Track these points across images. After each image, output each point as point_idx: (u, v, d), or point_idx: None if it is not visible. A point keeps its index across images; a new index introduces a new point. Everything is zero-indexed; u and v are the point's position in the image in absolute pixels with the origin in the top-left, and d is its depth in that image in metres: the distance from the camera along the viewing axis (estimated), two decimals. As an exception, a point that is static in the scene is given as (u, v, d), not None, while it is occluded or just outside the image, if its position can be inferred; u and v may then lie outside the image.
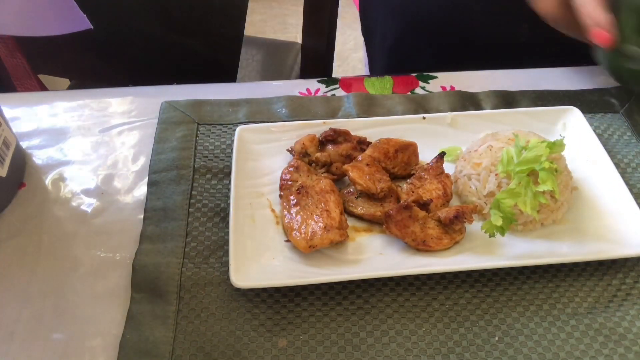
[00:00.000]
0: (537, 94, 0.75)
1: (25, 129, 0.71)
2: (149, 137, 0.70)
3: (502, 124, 0.66)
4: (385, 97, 0.75)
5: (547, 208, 0.57)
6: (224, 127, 0.70)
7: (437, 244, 0.56)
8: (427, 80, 0.79)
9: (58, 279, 0.56)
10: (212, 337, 0.51)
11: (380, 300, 0.54)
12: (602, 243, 0.56)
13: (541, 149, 0.56)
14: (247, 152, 0.64)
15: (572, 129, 0.67)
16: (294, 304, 0.53)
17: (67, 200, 0.63)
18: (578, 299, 0.54)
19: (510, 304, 0.54)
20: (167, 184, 0.63)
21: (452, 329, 0.52)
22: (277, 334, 0.51)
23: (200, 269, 0.56)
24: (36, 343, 0.51)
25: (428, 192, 0.60)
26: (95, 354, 0.51)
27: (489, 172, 0.59)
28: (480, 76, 0.79)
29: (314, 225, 0.56)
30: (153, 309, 0.53)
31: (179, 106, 0.72)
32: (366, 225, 0.60)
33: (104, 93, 0.77)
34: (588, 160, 0.64)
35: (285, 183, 0.61)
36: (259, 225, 0.58)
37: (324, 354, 0.50)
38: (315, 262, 0.55)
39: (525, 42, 0.83)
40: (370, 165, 0.61)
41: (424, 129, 0.68)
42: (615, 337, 0.51)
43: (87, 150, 0.69)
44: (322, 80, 0.79)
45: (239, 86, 0.80)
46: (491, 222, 0.54)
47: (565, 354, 0.50)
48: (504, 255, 0.56)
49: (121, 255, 0.58)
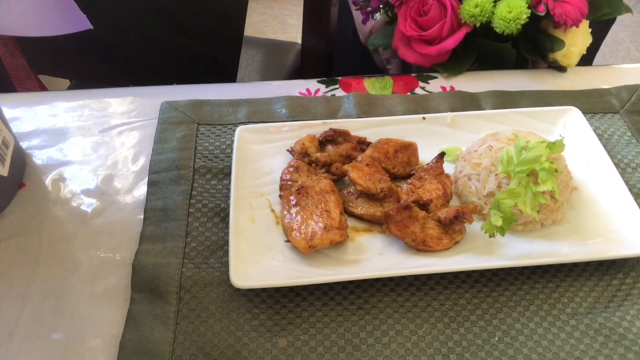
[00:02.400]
0: (537, 94, 0.75)
1: (25, 129, 0.71)
2: (149, 137, 0.70)
3: (502, 124, 0.66)
4: (385, 97, 0.75)
5: (547, 208, 0.57)
6: (224, 127, 0.70)
7: (437, 244, 0.56)
8: (427, 80, 0.79)
9: (58, 279, 0.56)
10: (212, 337, 0.51)
11: (380, 300, 0.54)
12: (602, 243, 0.56)
13: (541, 149, 0.56)
14: (247, 152, 0.64)
15: (572, 129, 0.67)
16: (294, 304, 0.53)
17: (67, 200, 0.63)
18: (578, 299, 0.54)
19: (510, 304, 0.54)
20: (167, 184, 0.63)
21: (452, 329, 0.52)
22: (277, 334, 0.51)
23: (200, 269, 0.56)
24: (36, 343, 0.51)
25: (428, 192, 0.60)
26: (95, 354, 0.50)
27: (489, 172, 0.59)
28: (480, 76, 0.79)
29: (314, 225, 0.56)
30: (153, 309, 0.53)
31: (179, 106, 0.72)
32: (366, 226, 0.60)
33: (104, 93, 0.77)
34: (588, 161, 0.64)
35: (285, 183, 0.61)
36: (259, 226, 0.58)
37: (324, 354, 0.50)
38: (315, 262, 0.55)
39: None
40: (370, 165, 0.61)
41: (424, 129, 0.68)
42: (615, 337, 0.51)
43: (87, 151, 0.69)
44: (322, 80, 0.79)
45: (239, 86, 0.80)
46: (491, 223, 0.54)
47: (565, 354, 0.50)
48: (504, 255, 0.56)
49: (121, 255, 0.58)
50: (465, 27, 0.75)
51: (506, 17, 0.72)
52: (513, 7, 0.72)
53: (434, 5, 0.75)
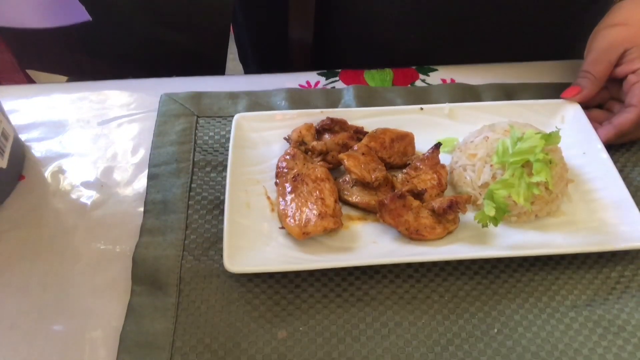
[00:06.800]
0: (538, 86, 0.74)
1: (23, 121, 0.71)
2: (148, 130, 0.70)
3: (501, 116, 0.66)
4: (385, 89, 0.74)
5: (541, 199, 0.57)
6: (223, 120, 0.70)
7: (430, 233, 0.56)
8: (428, 72, 0.78)
9: (58, 271, 0.56)
10: (212, 328, 0.51)
11: (380, 292, 0.54)
12: (598, 235, 0.56)
13: (536, 140, 0.56)
14: (244, 140, 0.64)
15: (571, 122, 0.67)
16: (294, 295, 0.54)
17: (66, 192, 0.63)
18: (577, 291, 0.54)
19: (509, 295, 0.54)
20: (167, 177, 0.63)
21: (451, 320, 0.52)
22: (277, 326, 0.51)
23: (199, 262, 0.56)
24: (37, 335, 0.51)
25: (423, 182, 0.60)
26: (96, 346, 0.51)
27: (484, 163, 0.59)
28: (481, 69, 0.78)
29: (308, 212, 0.56)
30: (153, 301, 0.53)
31: (178, 99, 0.72)
32: (360, 214, 0.60)
33: (103, 85, 0.77)
34: (585, 154, 0.63)
35: (281, 171, 0.61)
36: (254, 212, 0.59)
37: (324, 346, 0.50)
38: (308, 249, 0.56)
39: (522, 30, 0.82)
40: (366, 154, 0.61)
41: (422, 120, 0.67)
42: (614, 329, 0.51)
43: (86, 143, 0.69)
44: (322, 72, 0.79)
45: (238, 78, 0.80)
46: (484, 213, 0.54)
47: (563, 346, 0.50)
48: (498, 245, 0.56)
49: (121, 247, 0.58)
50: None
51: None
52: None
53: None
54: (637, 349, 0.50)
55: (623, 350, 0.50)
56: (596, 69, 0.66)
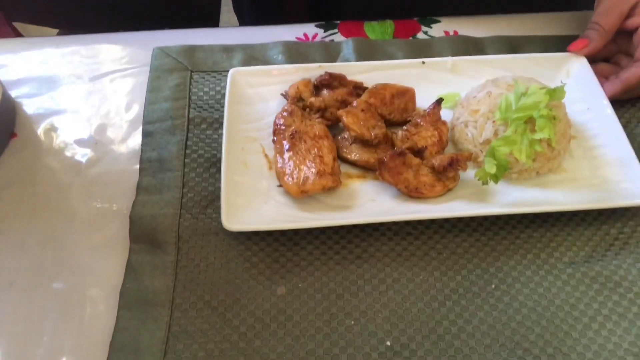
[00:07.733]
0: (544, 39, 0.72)
1: (13, 77, 0.69)
2: (141, 85, 0.68)
3: (504, 70, 0.64)
4: (386, 42, 0.72)
5: (543, 156, 0.57)
6: (218, 75, 0.68)
7: (430, 191, 0.56)
8: (430, 24, 0.76)
9: (55, 229, 0.56)
10: (211, 286, 0.51)
11: (378, 249, 0.54)
12: (599, 192, 0.56)
13: (540, 96, 0.54)
14: (240, 96, 0.63)
15: (577, 76, 0.65)
16: (293, 252, 0.54)
17: (60, 150, 0.62)
18: (575, 247, 0.54)
19: (507, 252, 0.54)
20: (162, 134, 0.62)
21: (448, 277, 0.52)
22: (276, 282, 0.52)
23: (197, 220, 0.56)
24: (37, 292, 0.52)
25: (423, 139, 0.59)
26: (96, 303, 0.51)
27: (486, 119, 0.58)
28: (485, 20, 0.76)
29: (306, 170, 0.55)
30: (152, 259, 0.53)
31: (171, 52, 0.70)
32: (359, 172, 0.59)
33: (94, 39, 0.74)
34: (589, 109, 0.62)
35: (278, 128, 0.60)
36: (251, 170, 0.58)
37: (322, 301, 0.51)
38: (307, 208, 0.55)
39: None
40: (365, 111, 0.59)
41: (424, 74, 0.66)
42: (611, 285, 0.52)
43: (78, 99, 0.67)
44: (320, 24, 0.76)
45: (233, 30, 0.77)
46: (485, 170, 0.53)
47: (560, 301, 0.51)
48: (497, 202, 0.55)
49: (118, 206, 0.57)
50: None
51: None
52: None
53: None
54: (632, 304, 0.50)
55: (618, 305, 0.50)
56: (606, 21, 0.63)
